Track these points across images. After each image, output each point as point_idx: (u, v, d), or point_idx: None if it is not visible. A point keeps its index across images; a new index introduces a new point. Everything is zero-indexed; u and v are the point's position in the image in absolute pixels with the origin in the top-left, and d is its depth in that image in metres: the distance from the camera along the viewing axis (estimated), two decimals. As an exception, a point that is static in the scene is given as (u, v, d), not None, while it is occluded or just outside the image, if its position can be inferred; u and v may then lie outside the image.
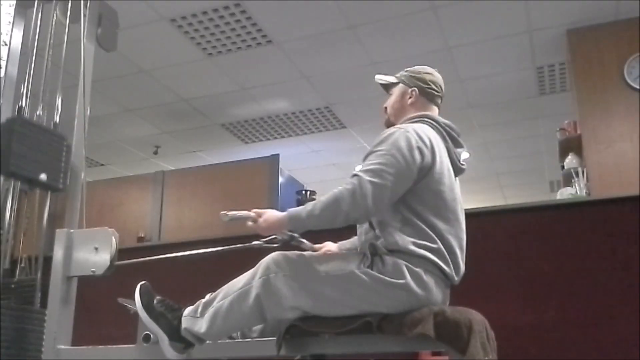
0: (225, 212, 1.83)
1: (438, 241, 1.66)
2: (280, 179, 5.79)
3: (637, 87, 4.30)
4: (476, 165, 7.66)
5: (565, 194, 4.38)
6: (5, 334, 2.14)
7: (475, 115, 6.32)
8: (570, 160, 4.54)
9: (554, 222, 2.68)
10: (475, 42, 4.90)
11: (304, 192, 5.69)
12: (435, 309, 1.57)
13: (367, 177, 1.63)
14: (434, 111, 1.93)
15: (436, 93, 1.94)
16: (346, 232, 2.05)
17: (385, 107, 2.01)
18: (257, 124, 6.60)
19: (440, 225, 1.68)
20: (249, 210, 1.81)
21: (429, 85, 1.93)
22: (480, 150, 7.31)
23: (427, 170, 1.70)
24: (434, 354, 2.55)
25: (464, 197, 1.84)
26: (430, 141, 1.74)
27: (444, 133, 1.84)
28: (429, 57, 5.09)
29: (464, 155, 1.89)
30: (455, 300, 1.76)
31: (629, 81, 4.33)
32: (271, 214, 1.77)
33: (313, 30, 4.73)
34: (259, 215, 1.78)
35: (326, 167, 8.05)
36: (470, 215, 2.84)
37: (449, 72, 5.37)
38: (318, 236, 2.02)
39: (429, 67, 2.00)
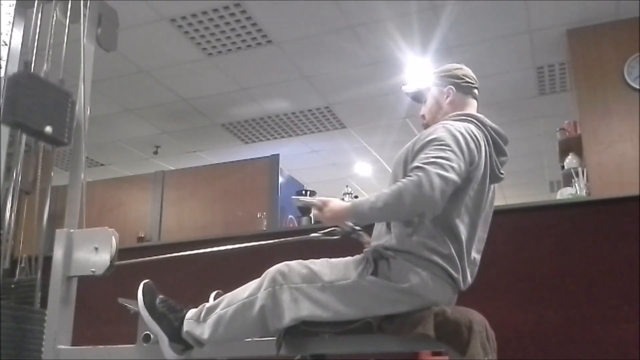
0: (297, 197, 1.82)
1: (451, 247, 1.62)
2: (280, 179, 5.80)
3: (637, 87, 4.30)
4: (476, 165, 7.64)
5: (565, 194, 4.38)
6: (5, 334, 2.14)
7: (475, 115, 6.31)
8: (570, 160, 4.54)
9: (554, 222, 2.68)
10: (475, 42, 4.90)
11: (304, 192, 5.69)
12: (435, 309, 1.57)
13: (433, 170, 1.55)
14: (473, 105, 1.89)
15: (472, 85, 1.90)
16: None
17: (423, 115, 1.95)
18: (257, 124, 6.59)
19: (461, 227, 1.64)
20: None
21: (463, 79, 1.89)
22: (480, 150, 7.30)
23: (475, 169, 1.66)
24: (434, 354, 2.55)
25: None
26: (479, 141, 1.70)
27: (490, 137, 1.77)
28: (429, 57, 5.09)
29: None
30: (456, 300, 1.76)
31: (629, 81, 4.33)
32: (336, 204, 1.71)
33: (313, 30, 4.73)
34: (325, 204, 1.72)
35: (326, 167, 8.04)
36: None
37: (449, 72, 5.35)
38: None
39: (456, 63, 1.96)
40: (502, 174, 1.80)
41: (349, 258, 1.73)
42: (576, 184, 4.33)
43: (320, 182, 7.95)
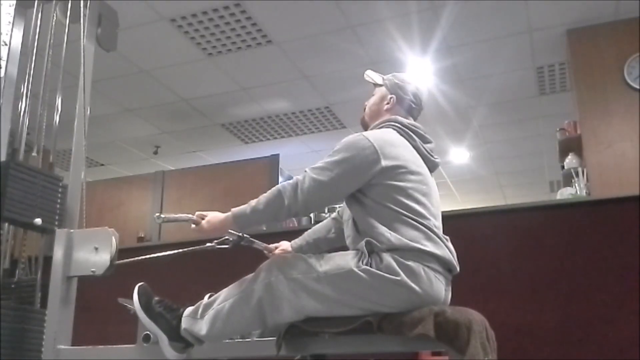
0: (159, 214, 1.86)
1: (427, 230, 1.67)
2: (280, 179, 5.79)
3: (637, 87, 4.30)
4: (476, 165, 7.65)
5: (565, 194, 4.38)
6: (5, 334, 2.14)
7: (475, 115, 6.32)
8: (570, 160, 4.55)
9: (554, 222, 2.68)
10: (475, 42, 4.90)
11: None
12: (435, 309, 1.57)
13: (311, 174, 1.71)
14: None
15: (413, 106, 1.97)
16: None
17: (364, 106, 2.04)
18: (257, 124, 6.60)
19: (424, 214, 1.70)
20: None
21: (409, 96, 1.96)
22: (480, 150, 7.31)
23: (385, 170, 1.71)
24: (434, 354, 2.55)
25: (464, 197, 1.84)
26: (389, 142, 1.77)
27: (410, 132, 1.86)
28: (429, 57, 5.10)
29: (429, 146, 1.89)
30: (455, 300, 1.76)
31: (629, 81, 4.33)
32: (214, 215, 1.81)
33: (313, 30, 4.73)
34: (202, 218, 1.82)
35: (326, 167, 8.04)
36: (470, 215, 2.85)
37: (449, 72, 5.37)
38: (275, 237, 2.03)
39: (413, 79, 2.03)
40: (436, 158, 1.90)
41: (344, 252, 1.74)
42: (576, 184, 4.33)
43: (320, 182, 7.94)
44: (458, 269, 1.74)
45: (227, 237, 1.91)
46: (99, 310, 3.02)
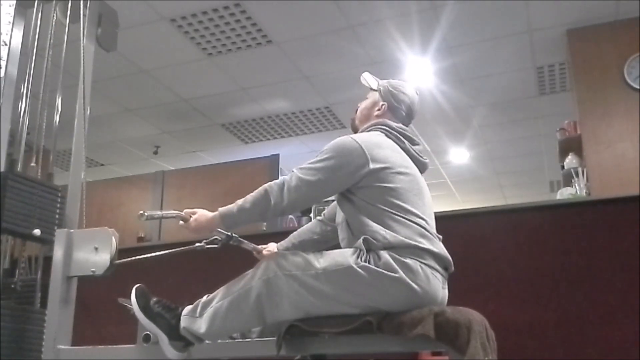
0: (142, 211, 1.82)
1: (421, 228, 1.69)
2: (281, 179, 5.79)
3: (637, 87, 4.30)
4: (476, 165, 7.65)
5: (565, 194, 4.38)
6: (5, 334, 2.15)
7: (475, 115, 6.32)
8: (570, 160, 4.55)
9: (554, 222, 2.68)
10: (475, 42, 4.90)
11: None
12: (435, 309, 1.57)
13: (298, 173, 1.74)
14: None
15: (404, 115, 1.99)
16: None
17: (356, 109, 2.07)
18: (257, 124, 6.60)
19: (410, 218, 1.70)
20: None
21: (400, 105, 1.98)
22: (480, 150, 7.31)
23: (373, 172, 1.73)
24: (434, 354, 2.55)
25: (464, 197, 1.85)
26: (377, 145, 1.79)
27: (398, 135, 1.89)
28: (429, 57, 5.10)
29: (419, 148, 1.92)
30: (455, 300, 1.76)
31: (629, 81, 4.33)
32: (202, 214, 1.82)
33: (313, 30, 4.73)
34: (190, 215, 1.82)
35: (326, 167, 8.04)
36: (470, 215, 2.85)
37: (449, 72, 5.37)
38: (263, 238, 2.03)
39: (409, 87, 2.04)
40: (425, 159, 1.93)
41: (342, 249, 1.74)
42: (576, 184, 4.33)
43: (320, 182, 7.94)
44: (453, 267, 1.75)
45: (216, 237, 1.90)
46: (99, 310, 3.02)
